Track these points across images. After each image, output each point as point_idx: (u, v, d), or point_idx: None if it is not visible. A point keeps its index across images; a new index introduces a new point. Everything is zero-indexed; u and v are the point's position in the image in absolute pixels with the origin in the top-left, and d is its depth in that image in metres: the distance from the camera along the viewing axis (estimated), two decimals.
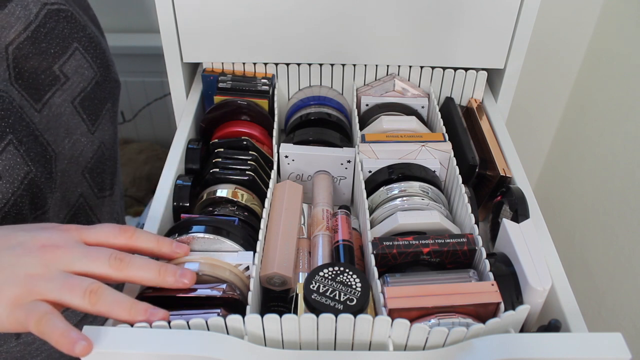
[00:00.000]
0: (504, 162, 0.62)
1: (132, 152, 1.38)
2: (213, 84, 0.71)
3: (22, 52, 0.52)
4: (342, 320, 0.41)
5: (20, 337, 0.58)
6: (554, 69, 1.09)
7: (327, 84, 0.74)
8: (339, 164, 0.64)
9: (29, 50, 0.53)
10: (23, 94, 0.53)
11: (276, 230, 0.55)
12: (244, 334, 0.42)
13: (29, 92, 0.53)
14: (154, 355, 0.40)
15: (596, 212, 1.03)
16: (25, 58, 0.53)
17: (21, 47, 0.52)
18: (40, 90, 0.54)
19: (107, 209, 0.67)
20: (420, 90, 0.72)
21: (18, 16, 0.51)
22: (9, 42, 0.51)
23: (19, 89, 0.52)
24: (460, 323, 0.43)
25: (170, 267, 0.43)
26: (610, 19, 0.98)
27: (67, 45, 0.56)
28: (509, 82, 0.70)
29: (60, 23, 0.55)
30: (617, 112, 0.96)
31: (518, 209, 0.54)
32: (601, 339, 0.41)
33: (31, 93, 0.53)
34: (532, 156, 1.25)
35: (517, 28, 0.66)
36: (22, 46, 0.52)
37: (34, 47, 0.53)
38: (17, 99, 0.51)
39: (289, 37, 0.67)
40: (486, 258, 0.49)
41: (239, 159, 0.61)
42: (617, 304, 0.95)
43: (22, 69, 0.53)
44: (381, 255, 0.49)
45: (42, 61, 0.54)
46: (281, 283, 0.52)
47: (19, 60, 0.52)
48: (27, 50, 0.53)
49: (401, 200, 0.56)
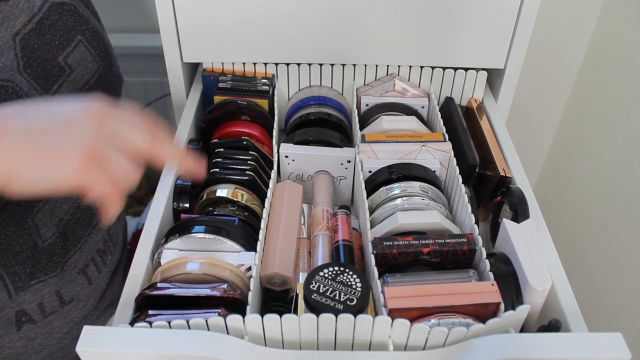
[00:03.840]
0: (504, 162, 0.62)
1: None
2: (213, 84, 0.71)
3: (29, 43, 0.53)
4: (342, 320, 0.41)
5: (21, 330, 0.58)
6: (554, 69, 1.09)
7: (327, 84, 0.74)
8: (339, 164, 0.64)
9: (34, 42, 0.53)
10: (32, 83, 0.53)
11: (276, 230, 0.55)
12: (244, 334, 0.42)
13: (39, 82, 0.53)
14: (154, 355, 0.40)
15: (596, 212, 1.02)
16: (32, 49, 0.53)
17: (27, 38, 0.52)
18: (49, 80, 0.55)
19: None
20: (420, 90, 0.72)
21: (22, 8, 0.52)
22: (16, 32, 0.52)
23: (28, 78, 0.52)
24: (460, 323, 0.43)
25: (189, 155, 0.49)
26: (610, 19, 0.98)
27: (71, 37, 0.57)
28: (509, 82, 0.70)
29: (63, 16, 0.56)
30: (617, 112, 0.96)
31: (518, 209, 0.54)
32: (601, 339, 0.41)
33: (40, 83, 0.54)
34: (532, 156, 1.25)
35: (517, 28, 0.66)
36: (27, 37, 0.52)
37: (39, 38, 0.53)
38: (25, 89, 0.52)
39: (289, 37, 0.67)
40: (486, 258, 0.49)
41: (239, 159, 0.61)
42: (617, 304, 0.95)
43: (31, 58, 0.53)
44: (381, 255, 0.49)
45: (47, 52, 0.54)
46: (281, 283, 0.52)
47: (27, 50, 0.53)
48: (33, 41, 0.53)
49: (401, 200, 0.56)
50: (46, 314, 0.60)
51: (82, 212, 0.62)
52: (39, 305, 0.58)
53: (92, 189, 0.41)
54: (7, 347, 0.59)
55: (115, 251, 0.69)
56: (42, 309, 0.59)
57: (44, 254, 0.56)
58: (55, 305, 0.60)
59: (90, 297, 0.65)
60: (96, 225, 0.64)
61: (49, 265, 0.57)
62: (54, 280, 0.59)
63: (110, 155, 0.42)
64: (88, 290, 0.64)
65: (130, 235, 0.89)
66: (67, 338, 0.64)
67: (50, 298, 0.59)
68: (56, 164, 0.40)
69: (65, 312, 0.62)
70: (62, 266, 0.59)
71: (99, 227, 0.65)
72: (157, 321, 0.42)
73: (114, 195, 0.42)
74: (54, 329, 0.62)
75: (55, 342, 0.63)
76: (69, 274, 0.61)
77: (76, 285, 0.62)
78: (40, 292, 0.58)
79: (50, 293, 0.59)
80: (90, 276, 0.64)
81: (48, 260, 0.57)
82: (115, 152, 0.43)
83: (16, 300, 0.56)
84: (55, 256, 0.58)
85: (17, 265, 0.54)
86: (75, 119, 0.42)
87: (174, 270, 0.49)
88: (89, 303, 0.65)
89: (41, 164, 0.39)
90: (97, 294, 0.66)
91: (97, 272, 0.65)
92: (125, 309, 0.46)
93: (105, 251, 0.67)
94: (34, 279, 0.56)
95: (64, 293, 0.61)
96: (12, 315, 0.57)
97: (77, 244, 0.61)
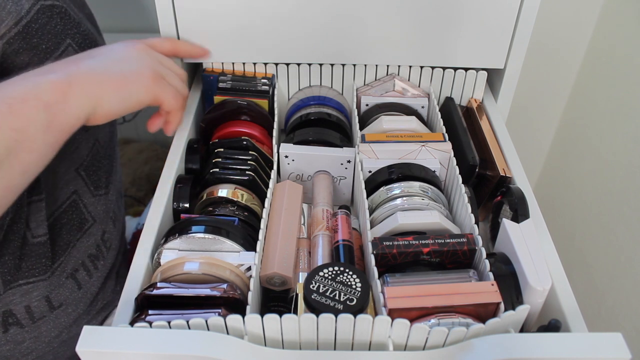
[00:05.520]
0: (504, 162, 0.62)
1: (132, 152, 1.37)
2: (213, 84, 0.71)
3: (13, 47, 0.52)
4: (342, 320, 0.41)
5: (7, 333, 0.58)
6: (554, 69, 1.09)
7: (327, 84, 0.74)
8: (339, 164, 0.64)
9: (19, 45, 0.52)
10: None
11: (276, 230, 0.55)
12: (244, 334, 0.42)
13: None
14: (154, 355, 0.40)
15: (596, 212, 1.02)
16: (15, 53, 0.53)
17: (11, 42, 0.52)
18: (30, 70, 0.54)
19: (102, 207, 0.66)
20: (420, 90, 0.72)
21: (9, 10, 0.51)
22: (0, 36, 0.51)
23: None
24: (460, 323, 0.43)
25: None
26: (610, 19, 0.98)
27: (60, 41, 0.56)
28: (509, 82, 0.70)
29: (53, 19, 0.55)
30: (617, 112, 0.96)
31: (518, 209, 0.54)
32: (601, 339, 0.41)
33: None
34: (532, 156, 1.25)
35: (517, 28, 0.66)
36: (12, 41, 0.52)
37: (25, 42, 0.53)
38: None
39: (289, 37, 0.67)
40: (486, 258, 0.49)
41: (239, 159, 0.61)
42: (617, 304, 0.95)
43: (12, 64, 0.53)
44: (381, 255, 0.49)
45: (33, 57, 0.54)
46: (281, 283, 0.52)
47: (8, 56, 0.52)
48: (18, 45, 0.52)
49: (401, 200, 0.56)
50: (35, 319, 0.59)
51: (70, 217, 0.61)
52: (26, 308, 0.58)
53: (164, 99, 0.55)
54: None
55: (109, 256, 0.68)
56: (31, 314, 0.58)
57: (33, 251, 0.56)
58: (44, 310, 0.60)
59: (80, 301, 0.64)
60: (87, 231, 0.64)
61: (37, 266, 0.57)
62: (42, 285, 0.58)
63: (167, 73, 0.57)
64: (78, 295, 0.63)
65: (130, 235, 0.89)
66: (56, 342, 0.63)
67: (39, 303, 0.59)
68: (133, 85, 0.52)
69: (54, 317, 0.61)
70: (52, 270, 0.59)
71: (90, 232, 0.64)
72: (157, 321, 0.42)
73: (179, 102, 0.58)
74: (42, 333, 0.61)
75: (43, 345, 0.62)
76: (57, 278, 0.60)
77: (65, 290, 0.61)
78: (28, 295, 0.57)
79: (38, 297, 0.58)
80: (81, 281, 0.63)
81: (37, 260, 0.57)
82: (168, 71, 0.57)
83: (3, 299, 0.55)
84: (44, 258, 0.58)
85: (7, 255, 0.54)
86: (131, 53, 0.55)
87: (173, 270, 0.49)
88: (78, 307, 0.64)
89: (122, 87, 0.51)
90: (87, 299, 0.65)
91: (88, 276, 0.64)
92: (125, 309, 0.46)
93: (98, 256, 0.66)
94: (23, 278, 0.56)
95: (52, 298, 0.60)
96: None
97: (67, 249, 0.61)
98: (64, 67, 0.49)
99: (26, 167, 0.45)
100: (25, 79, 0.46)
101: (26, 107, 0.44)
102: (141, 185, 1.34)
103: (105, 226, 0.67)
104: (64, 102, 0.46)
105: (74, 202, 0.62)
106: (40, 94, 0.45)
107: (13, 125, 0.43)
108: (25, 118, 0.43)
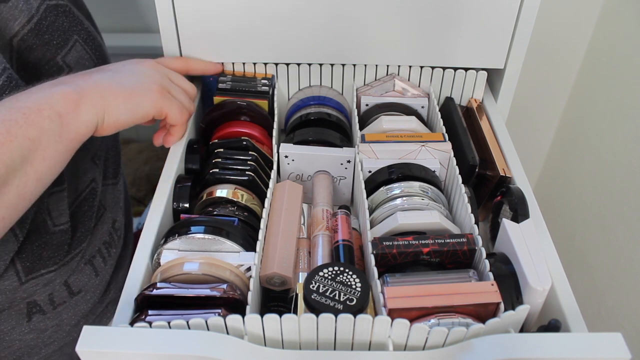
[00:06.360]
0: (504, 162, 0.62)
1: (132, 152, 1.37)
2: (213, 84, 0.71)
3: (27, 44, 0.55)
4: (342, 320, 0.41)
5: (31, 322, 0.59)
6: (554, 69, 1.09)
7: (327, 84, 0.74)
8: (339, 164, 0.64)
9: (32, 42, 0.55)
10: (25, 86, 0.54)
11: (276, 230, 0.55)
12: (244, 334, 0.42)
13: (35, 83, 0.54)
14: (154, 355, 0.40)
15: (596, 212, 1.02)
16: (29, 50, 0.55)
17: (25, 39, 0.54)
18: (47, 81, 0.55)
19: (111, 196, 0.69)
20: (420, 90, 0.72)
21: (21, 9, 0.53)
22: (14, 34, 0.53)
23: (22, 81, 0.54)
24: (460, 323, 0.43)
25: None
26: (610, 19, 0.98)
27: (68, 37, 0.58)
28: (509, 82, 0.70)
29: (59, 17, 0.57)
30: (617, 112, 0.96)
31: (518, 209, 0.54)
32: (601, 339, 0.41)
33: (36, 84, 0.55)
34: (532, 156, 1.25)
35: (517, 28, 0.66)
36: (26, 38, 0.54)
37: (38, 38, 0.55)
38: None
39: (289, 37, 0.67)
40: (486, 258, 0.49)
41: (239, 159, 0.61)
42: (617, 304, 0.95)
43: (26, 60, 0.55)
44: (381, 255, 0.49)
45: (45, 52, 0.56)
46: (281, 283, 0.52)
47: (23, 52, 0.55)
48: (31, 41, 0.55)
49: (401, 200, 0.56)
50: (55, 304, 0.61)
51: (90, 204, 0.63)
52: (49, 295, 0.59)
53: (169, 112, 0.57)
54: (18, 339, 0.59)
55: (119, 244, 0.71)
56: (52, 300, 0.60)
57: (54, 239, 0.57)
58: (64, 295, 0.61)
59: (97, 288, 0.66)
60: (101, 217, 0.66)
61: (59, 253, 0.58)
62: (63, 270, 0.60)
63: (173, 88, 0.59)
64: (95, 282, 0.65)
65: None
66: (76, 331, 0.65)
67: (60, 288, 0.60)
68: (140, 97, 0.54)
69: (73, 303, 0.63)
70: (72, 256, 0.60)
71: (104, 220, 0.67)
72: (156, 321, 0.42)
73: (184, 117, 0.59)
74: (63, 321, 0.63)
75: (64, 335, 0.64)
76: (77, 263, 0.61)
77: (84, 275, 0.63)
78: (51, 283, 0.59)
79: (59, 283, 0.60)
80: (97, 267, 0.65)
81: (58, 248, 0.58)
82: (175, 86, 0.60)
83: (27, 289, 0.56)
84: (66, 245, 0.59)
85: (29, 244, 0.55)
86: (139, 68, 0.57)
87: (173, 270, 0.49)
88: (95, 295, 0.66)
89: (129, 99, 0.53)
90: (102, 286, 0.67)
91: (103, 263, 0.66)
92: (125, 309, 0.46)
93: (111, 243, 0.68)
94: (44, 267, 0.57)
95: (72, 283, 0.62)
96: (24, 306, 0.58)
97: (87, 235, 0.62)
98: (75, 79, 0.51)
99: (40, 175, 0.46)
100: (40, 90, 0.48)
101: (40, 117, 0.45)
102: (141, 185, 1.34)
103: (115, 215, 0.70)
104: (75, 112, 0.48)
105: (93, 190, 0.64)
106: (53, 104, 0.47)
107: (28, 135, 0.44)
108: (40, 127, 0.45)
